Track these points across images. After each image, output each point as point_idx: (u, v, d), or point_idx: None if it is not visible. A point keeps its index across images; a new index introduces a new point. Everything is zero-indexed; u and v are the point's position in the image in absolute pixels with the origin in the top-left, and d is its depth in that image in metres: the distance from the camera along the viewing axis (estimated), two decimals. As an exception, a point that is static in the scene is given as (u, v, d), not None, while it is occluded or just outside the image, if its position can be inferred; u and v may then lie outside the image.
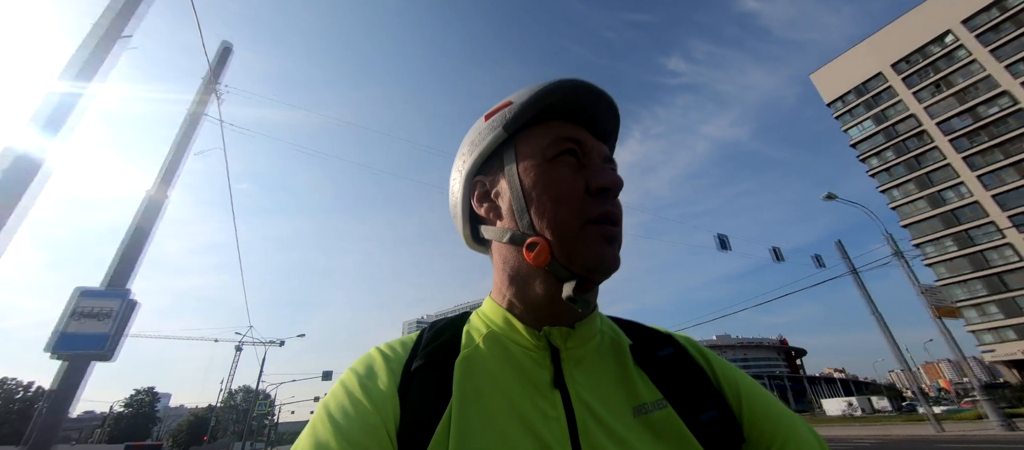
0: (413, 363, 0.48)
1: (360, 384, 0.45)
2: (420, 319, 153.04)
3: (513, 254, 0.51)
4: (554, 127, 0.51)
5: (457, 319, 0.56)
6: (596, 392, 0.46)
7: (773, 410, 0.48)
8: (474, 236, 0.58)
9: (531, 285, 0.50)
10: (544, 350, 0.48)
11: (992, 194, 40.40)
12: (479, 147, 0.54)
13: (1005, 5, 42.06)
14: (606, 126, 0.56)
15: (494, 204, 0.54)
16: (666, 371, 0.50)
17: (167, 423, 58.39)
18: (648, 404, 0.45)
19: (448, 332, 0.52)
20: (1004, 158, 40.19)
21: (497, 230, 0.53)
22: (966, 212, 42.24)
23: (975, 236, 41.34)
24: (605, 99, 0.53)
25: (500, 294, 0.54)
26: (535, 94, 0.50)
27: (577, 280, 0.45)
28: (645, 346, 0.53)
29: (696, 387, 0.49)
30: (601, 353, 0.51)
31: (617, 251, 0.47)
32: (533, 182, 0.49)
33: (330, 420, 0.41)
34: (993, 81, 41.88)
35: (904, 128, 47.88)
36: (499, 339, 0.50)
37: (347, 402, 0.43)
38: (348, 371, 0.48)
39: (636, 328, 0.58)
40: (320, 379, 28.78)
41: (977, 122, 42.30)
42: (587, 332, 0.51)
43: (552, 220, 0.46)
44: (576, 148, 0.50)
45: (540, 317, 0.50)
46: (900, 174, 47.45)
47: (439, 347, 0.49)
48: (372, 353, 0.50)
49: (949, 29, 45.38)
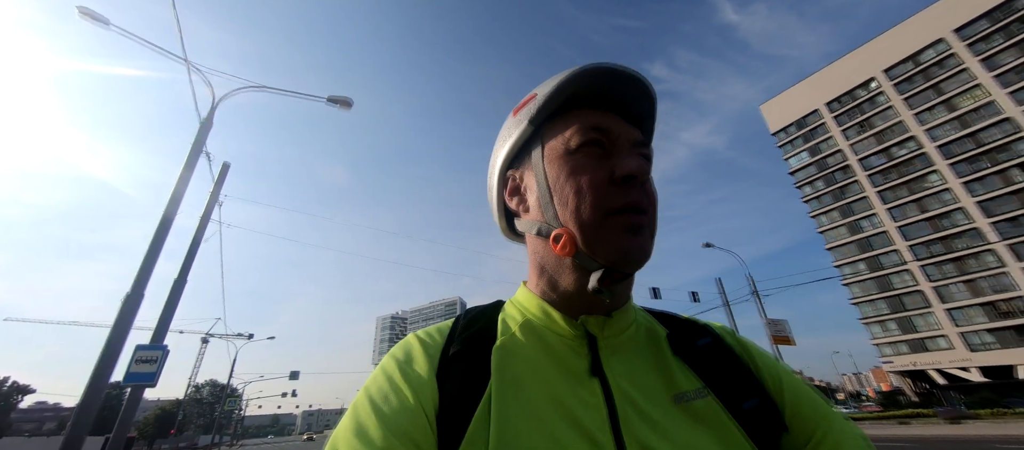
0: (450, 349, 0.48)
1: (400, 369, 0.45)
2: (395, 315, 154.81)
3: (542, 246, 0.51)
4: (579, 116, 0.50)
5: (491, 307, 0.57)
6: (634, 380, 0.46)
7: (816, 402, 0.48)
8: (510, 228, 0.60)
9: (561, 276, 0.50)
10: (581, 338, 0.49)
11: (898, 225, 46.20)
12: (508, 142, 0.55)
13: (919, 59, 47.93)
14: (639, 109, 0.54)
15: (523, 198, 0.55)
16: (706, 360, 0.50)
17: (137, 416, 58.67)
18: (689, 392, 0.46)
19: (483, 319, 0.53)
20: (908, 195, 46.03)
21: (527, 223, 0.54)
22: (877, 240, 48.02)
23: (883, 262, 47.12)
24: (635, 81, 0.51)
25: (534, 284, 0.54)
26: (557, 86, 0.50)
27: (604, 271, 0.45)
28: (682, 335, 0.54)
29: (737, 375, 0.49)
30: (637, 342, 0.51)
31: (645, 241, 0.46)
32: (556, 174, 0.49)
33: (371, 404, 0.42)
34: (904, 126, 47.71)
35: (833, 161, 53.51)
36: (535, 328, 0.50)
37: (387, 387, 0.44)
38: (387, 356, 0.49)
39: (672, 318, 0.59)
40: (287, 378, 31.13)
41: (890, 161, 48.09)
42: (624, 321, 0.51)
43: (574, 211, 0.46)
44: (600, 137, 0.49)
45: (575, 306, 0.50)
46: (828, 203, 53.05)
47: (475, 334, 0.50)
48: (410, 339, 0.51)
49: (873, 76, 51.12)
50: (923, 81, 47.05)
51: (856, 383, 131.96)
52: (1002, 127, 41.11)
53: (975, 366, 39.59)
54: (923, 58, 47.50)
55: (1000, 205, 40.00)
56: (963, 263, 41.37)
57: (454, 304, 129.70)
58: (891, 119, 48.91)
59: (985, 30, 43.28)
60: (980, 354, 39.36)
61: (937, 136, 45.02)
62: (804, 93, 58.12)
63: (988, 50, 42.87)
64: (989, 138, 41.67)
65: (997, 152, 41.07)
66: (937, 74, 46.09)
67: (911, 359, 43.76)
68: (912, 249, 44.68)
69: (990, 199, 40.61)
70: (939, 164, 44.31)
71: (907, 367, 43.95)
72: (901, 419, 28.40)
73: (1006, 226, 39.34)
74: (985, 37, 43.41)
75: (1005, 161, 40.26)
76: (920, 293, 43.79)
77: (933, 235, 43.60)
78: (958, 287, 41.39)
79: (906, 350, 44.47)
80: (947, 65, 45.63)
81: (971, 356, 39.83)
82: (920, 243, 44.37)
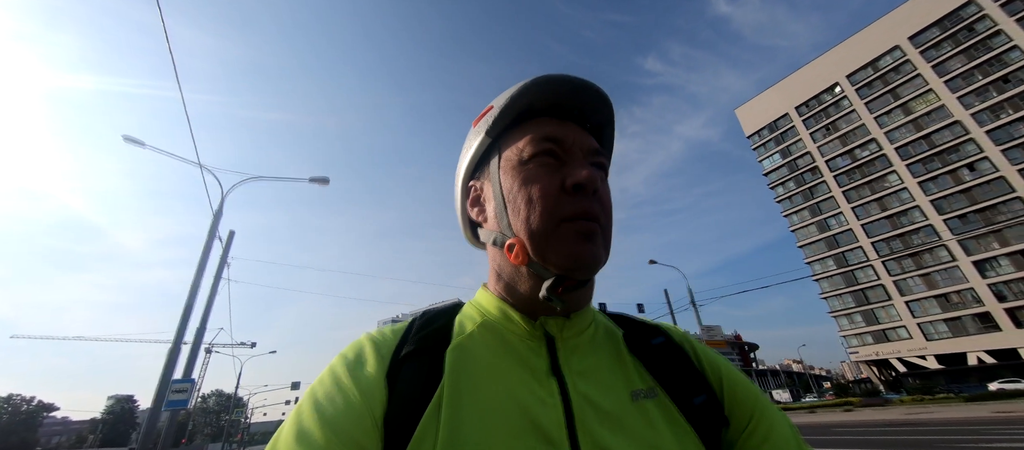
0: (403, 349, 0.47)
1: (347, 370, 0.45)
2: (395, 318, 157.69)
3: (499, 254, 0.52)
4: (534, 126, 0.51)
5: (449, 308, 0.56)
6: (592, 379, 0.47)
7: (750, 392, 0.51)
8: (475, 237, 0.61)
9: (518, 283, 0.51)
10: (540, 339, 0.49)
11: (861, 223, 48.95)
12: (469, 153, 0.56)
13: (877, 65, 50.61)
14: (598, 118, 0.55)
15: (483, 208, 0.56)
16: (658, 359, 0.52)
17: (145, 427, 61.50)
18: (642, 390, 0.47)
19: (440, 320, 0.52)
20: (870, 194, 48.78)
21: (486, 232, 0.55)
22: (843, 237, 50.77)
23: (849, 258, 49.89)
24: (589, 90, 0.52)
25: (493, 286, 0.55)
26: (511, 97, 0.51)
27: (556, 278, 0.46)
28: (637, 335, 0.55)
29: (686, 373, 0.52)
30: (595, 342, 0.52)
31: (597, 247, 0.46)
32: (510, 184, 0.50)
33: (315, 406, 0.41)
34: (866, 129, 50.42)
35: (802, 163, 56.23)
36: (494, 327, 0.50)
37: (333, 388, 0.43)
38: (337, 356, 0.48)
39: (627, 320, 0.60)
40: (289, 388, 33.78)
41: (854, 162, 50.81)
42: (582, 322, 0.52)
43: (525, 220, 0.47)
44: (553, 147, 0.50)
45: (535, 310, 0.51)
46: (798, 202, 55.79)
47: (430, 334, 0.49)
48: (362, 339, 0.50)
49: (837, 81, 53.80)
50: (882, 86, 49.75)
51: (850, 371, 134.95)
52: (952, 129, 43.84)
53: (931, 354, 42.42)
54: (881, 64, 50.18)
55: (951, 203, 42.76)
56: (919, 258, 44.13)
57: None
58: (854, 122, 51.61)
59: (936, 38, 45.97)
60: (935, 343, 42.18)
61: (895, 138, 47.76)
62: (776, 97, 60.80)
63: (939, 57, 45.58)
64: (941, 140, 44.40)
65: (948, 153, 43.80)
66: (894, 79, 48.79)
67: (874, 349, 46.58)
68: (874, 246, 47.45)
69: (942, 198, 43.38)
70: (897, 165, 47.03)
71: (871, 357, 46.77)
72: (809, 408, 31.68)
73: (956, 223, 42.11)
74: (936, 44, 46.10)
75: (955, 162, 42.99)
76: (882, 287, 46.59)
77: (893, 232, 46.35)
78: (915, 281, 44.17)
79: (870, 341, 47.28)
80: (903, 71, 48.33)
81: (927, 345, 42.65)
82: (881, 240, 47.13)
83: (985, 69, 42.51)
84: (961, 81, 43.87)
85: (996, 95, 41.34)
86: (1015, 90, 40.12)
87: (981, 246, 40.25)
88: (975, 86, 42.71)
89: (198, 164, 10.01)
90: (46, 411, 34.25)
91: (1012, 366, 37.46)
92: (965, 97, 43.25)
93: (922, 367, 43.24)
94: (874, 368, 47.97)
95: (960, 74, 43.92)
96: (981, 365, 39.31)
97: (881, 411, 24.01)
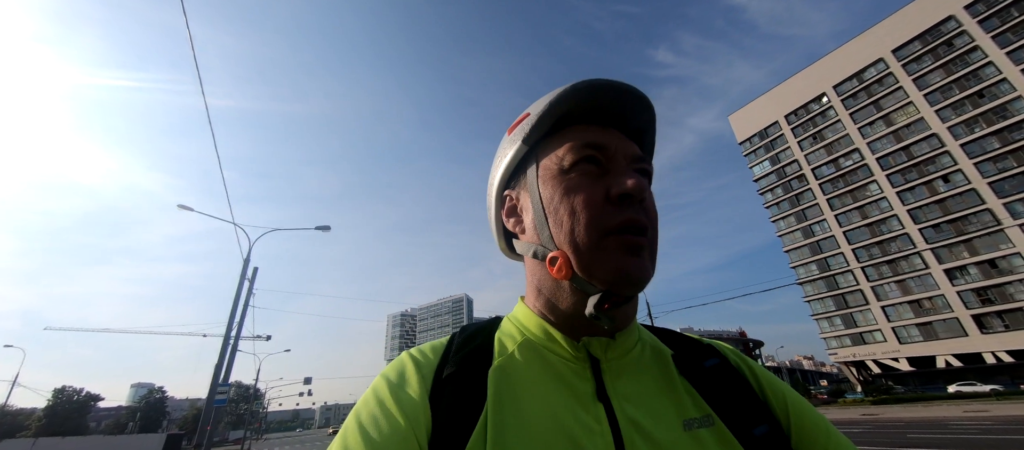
0: (444, 369, 0.46)
1: (391, 392, 0.44)
2: (404, 312, 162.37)
3: (539, 268, 0.50)
4: (574, 134, 0.49)
5: (488, 324, 0.55)
6: (641, 405, 0.44)
7: (817, 420, 0.47)
8: (510, 248, 0.59)
9: (560, 299, 0.48)
10: (584, 361, 0.47)
11: (843, 231, 50.94)
12: (504, 162, 0.54)
13: (862, 77, 52.15)
14: (638, 123, 0.53)
15: (520, 218, 0.54)
16: (713, 383, 0.48)
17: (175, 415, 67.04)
18: (697, 419, 0.44)
19: (479, 338, 0.51)
20: (852, 202, 50.70)
21: (524, 244, 0.53)
22: (826, 244, 52.81)
23: (831, 263, 51.98)
24: (630, 94, 0.50)
25: (532, 303, 0.53)
26: (549, 104, 0.49)
27: (602, 294, 0.43)
28: (688, 356, 0.52)
29: (745, 399, 0.47)
30: (643, 364, 0.49)
31: (645, 261, 0.44)
32: (550, 194, 0.48)
33: (360, 430, 0.40)
34: (850, 139, 52.14)
35: (790, 170, 58.11)
36: (536, 348, 0.48)
37: (378, 411, 0.42)
38: (379, 377, 0.47)
39: (676, 337, 0.56)
40: (302, 383, 37.76)
41: (838, 171, 52.64)
42: (628, 342, 0.49)
43: (569, 233, 0.45)
44: (595, 154, 0.47)
45: (577, 328, 0.48)
46: (786, 208, 57.79)
47: (471, 353, 0.48)
48: (403, 358, 0.49)
49: (824, 91, 55.42)
50: (866, 97, 51.37)
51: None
52: (930, 142, 45.51)
53: (904, 357, 44.61)
54: (866, 76, 51.72)
55: (926, 213, 44.62)
56: (896, 265, 46.13)
57: (461, 301, 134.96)
58: (839, 132, 53.33)
59: (917, 52, 47.43)
60: (907, 346, 44.34)
61: (877, 149, 49.49)
62: (767, 105, 62.49)
63: (920, 70, 47.08)
64: (919, 152, 46.11)
65: (925, 165, 45.53)
66: (878, 91, 50.37)
67: (851, 351, 48.85)
68: (854, 252, 49.49)
69: (918, 207, 45.23)
70: (878, 175, 48.84)
71: (848, 358, 49.08)
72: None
73: (930, 232, 44.01)
74: (917, 58, 47.56)
75: (931, 173, 44.74)
76: (860, 292, 48.70)
77: (872, 240, 48.32)
78: (891, 287, 46.22)
79: (849, 343, 49.52)
80: (886, 83, 49.87)
81: (900, 348, 44.82)
82: (861, 247, 49.14)
83: (962, 84, 44.01)
84: (939, 95, 45.40)
85: (971, 109, 42.90)
86: (989, 105, 41.66)
87: (952, 255, 42.16)
88: (952, 100, 44.26)
89: (232, 223, 13.48)
90: (93, 401, 39.23)
91: (977, 370, 39.60)
92: (942, 110, 44.83)
93: (895, 369, 45.46)
94: (852, 369, 50.22)
95: (939, 88, 45.44)
96: (949, 368, 41.45)
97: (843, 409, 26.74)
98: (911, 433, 13.52)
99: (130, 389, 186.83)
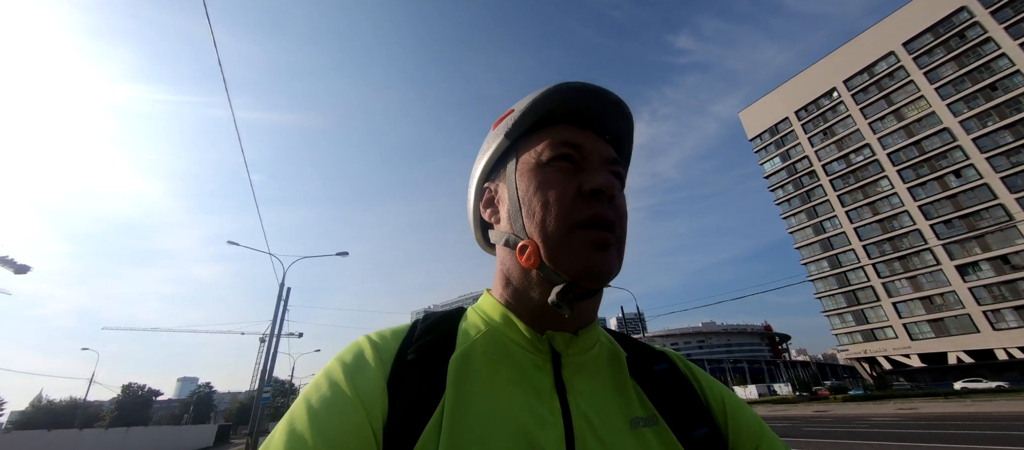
0: (406, 355, 0.46)
1: (346, 375, 0.43)
2: (426, 309, 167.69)
3: (509, 257, 0.51)
4: (553, 132, 0.51)
5: (452, 313, 0.55)
6: (594, 402, 0.45)
7: (754, 424, 0.50)
8: (485, 239, 0.61)
9: (527, 288, 0.49)
10: (545, 354, 0.48)
11: (854, 227, 50.76)
12: (486, 155, 0.56)
13: (873, 71, 51.52)
14: (616, 129, 0.55)
15: (496, 209, 0.55)
16: (660, 386, 0.51)
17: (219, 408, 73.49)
18: (642, 418, 0.46)
19: (443, 327, 0.51)
20: (863, 198, 50.42)
21: (497, 233, 0.54)
22: (837, 240, 52.68)
23: (842, 260, 51.89)
24: (611, 101, 0.52)
25: (499, 294, 0.54)
26: (533, 101, 0.51)
27: (566, 285, 0.45)
28: (641, 360, 0.54)
29: (689, 403, 0.50)
30: (599, 363, 0.51)
31: (611, 257, 0.45)
32: (526, 187, 0.49)
33: (309, 413, 0.39)
34: (860, 134, 51.69)
35: (800, 167, 57.90)
36: (498, 338, 0.49)
37: (330, 394, 0.41)
38: (334, 359, 0.45)
39: (630, 341, 0.58)
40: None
41: (848, 167, 52.32)
42: (589, 340, 0.50)
43: (540, 223, 0.46)
44: (571, 152, 0.49)
45: (540, 320, 0.49)
46: (796, 205, 57.71)
47: (433, 341, 0.48)
48: (362, 341, 0.48)
49: (835, 86, 54.92)
50: (877, 91, 50.77)
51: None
52: (941, 136, 44.91)
53: (915, 353, 44.54)
54: (877, 70, 51.08)
55: (938, 208, 44.19)
56: (907, 261, 45.90)
57: (478, 298, 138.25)
58: (850, 127, 52.89)
59: (928, 44, 46.63)
60: (919, 342, 44.25)
61: (887, 144, 49.04)
62: (777, 101, 62.20)
63: (931, 63, 46.33)
64: (930, 146, 45.55)
65: (937, 159, 44.98)
66: (888, 85, 49.76)
67: (862, 347, 48.90)
68: (866, 249, 49.34)
69: (929, 203, 44.80)
70: (889, 170, 48.44)
71: (860, 354, 49.16)
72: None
73: (942, 228, 43.62)
74: (928, 51, 46.77)
75: (943, 168, 44.22)
76: (871, 288, 48.60)
77: (883, 236, 48.08)
78: (902, 283, 46.04)
79: (860, 339, 49.57)
80: (897, 77, 49.21)
81: (911, 344, 44.76)
82: (872, 243, 48.94)
83: (974, 76, 43.21)
84: (951, 88, 44.65)
85: (984, 103, 42.15)
86: (1002, 98, 40.89)
87: (964, 251, 41.77)
88: (964, 93, 43.51)
89: (269, 253, 16.60)
90: (155, 395, 44.52)
91: (989, 366, 39.41)
92: (954, 104, 44.13)
93: (907, 365, 45.41)
94: (864, 365, 50.24)
95: (950, 81, 44.68)
96: (960, 364, 41.31)
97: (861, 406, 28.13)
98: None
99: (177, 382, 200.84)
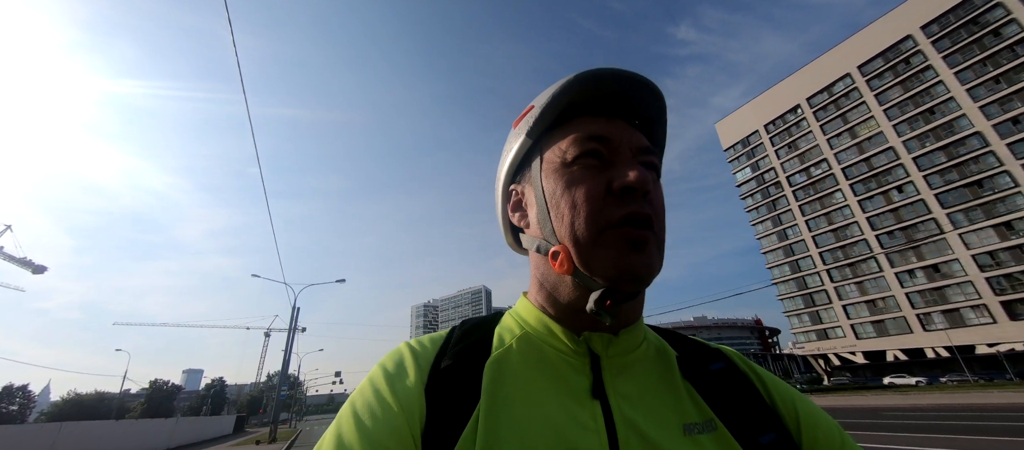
0: (442, 362, 0.45)
1: (387, 381, 0.43)
2: (427, 303, 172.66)
3: (543, 263, 0.49)
4: (578, 125, 0.48)
5: (489, 318, 0.54)
6: (640, 405, 0.42)
7: (830, 428, 0.46)
8: (517, 243, 0.59)
9: (562, 294, 0.47)
10: (583, 356, 0.45)
11: (812, 235, 55.28)
12: (509, 156, 0.53)
13: (831, 90, 55.61)
14: (647, 113, 0.51)
15: (525, 213, 0.53)
16: (718, 387, 0.46)
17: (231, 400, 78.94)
18: (698, 423, 0.42)
19: (479, 332, 0.50)
20: (820, 209, 54.87)
21: (528, 239, 0.52)
22: (797, 247, 57.24)
23: (801, 265, 56.50)
24: (637, 82, 0.48)
25: (534, 297, 0.52)
26: (552, 96, 0.48)
27: (604, 290, 0.42)
28: (694, 359, 0.50)
29: (752, 406, 0.45)
30: (645, 364, 0.47)
31: (649, 256, 0.42)
32: (552, 188, 0.47)
33: (355, 419, 0.40)
34: (819, 149, 55.95)
35: (768, 177, 62.24)
36: (534, 341, 0.47)
37: (374, 400, 0.42)
38: (377, 366, 0.47)
39: (681, 339, 0.55)
40: (334, 375, 46.52)
41: (809, 179, 56.68)
42: (631, 340, 0.47)
43: (569, 227, 0.44)
44: (598, 147, 0.46)
45: (578, 322, 0.47)
46: (764, 213, 62.17)
47: (469, 346, 0.47)
48: (401, 349, 0.49)
49: (799, 103, 59.04)
50: (835, 110, 54.97)
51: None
52: (887, 154, 49.22)
53: (860, 351, 49.37)
54: (835, 89, 55.20)
55: (882, 220, 48.70)
56: (855, 268, 50.51)
57: (479, 292, 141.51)
58: (811, 142, 57.16)
59: (879, 68, 50.71)
60: (863, 341, 49.07)
61: (842, 159, 53.34)
62: (750, 114, 66.34)
63: (881, 86, 50.47)
64: (878, 163, 49.88)
65: (883, 176, 49.34)
66: (845, 104, 53.94)
67: (816, 345, 53.77)
68: (821, 255, 53.93)
69: (876, 215, 49.29)
70: (842, 184, 52.82)
71: (814, 351, 54.02)
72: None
73: (885, 238, 48.17)
74: (879, 74, 50.87)
75: (887, 184, 48.60)
76: (825, 292, 53.29)
77: (836, 244, 52.65)
78: (851, 287, 50.70)
79: (814, 338, 54.41)
80: (852, 97, 53.37)
81: (857, 343, 49.57)
82: (827, 250, 53.52)
83: (916, 100, 47.37)
84: (897, 110, 48.84)
85: (923, 125, 46.39)
86: (938, 121, 45.12)
87: (903, 259, 46.35)
88: (908, 116, 47.72)
89: (284, 283, 21.33)
90: (177, 390, 49.71)
91: (919, 363, 44.25)
92: (899, 125, 48.36)
93: (852, 362, 50.28)
94: (818, 361, 55.13)
95: (896, 104, 48.86)
96: (897, 362, 46.14)
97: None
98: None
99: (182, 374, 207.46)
